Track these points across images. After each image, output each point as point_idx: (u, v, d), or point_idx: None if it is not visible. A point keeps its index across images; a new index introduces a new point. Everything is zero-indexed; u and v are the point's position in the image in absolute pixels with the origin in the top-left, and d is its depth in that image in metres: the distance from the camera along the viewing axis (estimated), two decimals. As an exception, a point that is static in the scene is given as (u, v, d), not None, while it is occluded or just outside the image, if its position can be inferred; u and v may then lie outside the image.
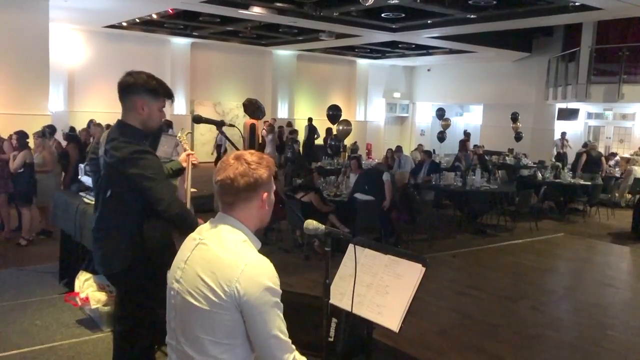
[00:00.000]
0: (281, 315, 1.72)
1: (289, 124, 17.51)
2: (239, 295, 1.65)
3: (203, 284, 1.70)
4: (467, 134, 16.47)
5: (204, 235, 1.83)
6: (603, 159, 12.96)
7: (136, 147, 2.68)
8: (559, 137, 16.50)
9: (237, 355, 1.73)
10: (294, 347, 1.76)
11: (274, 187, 1.88)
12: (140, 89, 2.76)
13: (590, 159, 12.40)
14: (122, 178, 2.68)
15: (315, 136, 17.55)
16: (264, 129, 17.39)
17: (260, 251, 1.81)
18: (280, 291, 1.72)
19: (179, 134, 3.54)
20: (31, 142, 7.91)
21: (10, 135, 7.67)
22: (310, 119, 18.32)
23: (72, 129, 10.38)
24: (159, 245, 2.77)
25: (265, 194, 1.82)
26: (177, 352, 1.82)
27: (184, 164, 3.24)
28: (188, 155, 3.26)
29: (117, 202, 2.75)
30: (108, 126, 11.88)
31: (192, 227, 2.91)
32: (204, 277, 1.71)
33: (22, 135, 7.42)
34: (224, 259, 1.71)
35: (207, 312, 1.69)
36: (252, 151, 1.85)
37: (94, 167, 2.88)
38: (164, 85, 2.85)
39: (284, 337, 1.72)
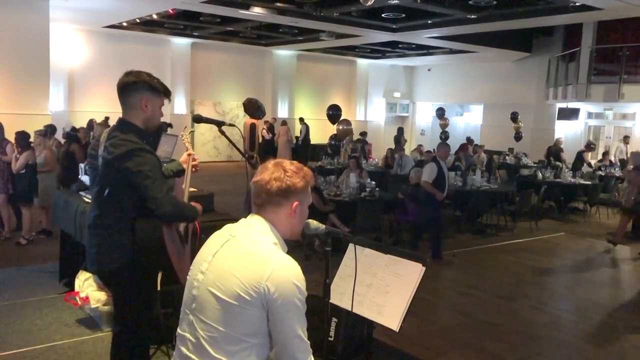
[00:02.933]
0: (304, 315, 1.75)
1: (284, 123, 17.51)
2: (268, 293, 1.68)
3: (233, 278, 1.73)
4: (469, 140, 16.44)
5: (234, 233, 1.86)
6: (562, 154, 14.36)
7: (135, 145, 2.71)
8: (621, 140, 15.05)
9: (253, 355, 1.75)
10: (311, 349, 1.78)
11: (310, 200, 1.92)
12: (143, 86, 2.81)
13: (549, 153, 14.20)
14: (119, 175, 2.71)
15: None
16: (263, 128, 17.40)
17: None
18: (306, 293, 1.75)
19: (182, 132, 3.53)
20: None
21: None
22: (301, 119, 18.31)
23: (74, 128, 10.38)
24: (154, 245, 2.78)
25: (296, 203, 1.86)
26: (190, 344, 1.81)
27: (185, 165, 3.24)
28: (189, 155, 3.26)
29: (114, 200, 2.77)
30: (106, 119, 11.88)
31: (188, 220, 2.91)
32: (233, 272, 1.73)
33: (24, 136, 7.42)
34: (256, 256, 1.75)
35: (232, 306, 1.71)
36: (294, 162, 1.91)
37: (93, 165, 2.90)
38: (163, 84, 2.91)
39: (305, 338, 1.75)
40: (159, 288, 2.96)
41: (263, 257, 1.74)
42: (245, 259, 1.75)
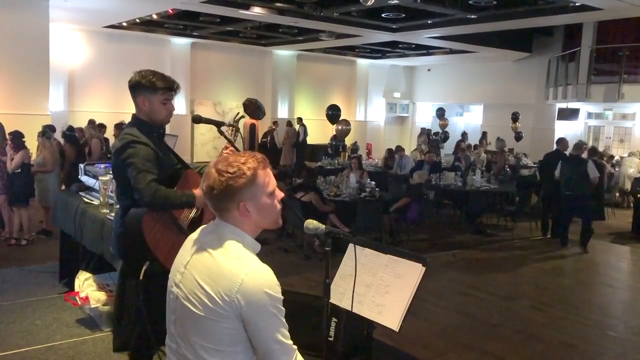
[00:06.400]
0: (282, 318, 1.71)
1: (290, 124, 17.50)
2: (239, 305, 1.64)
3: (202, 291, 1.68)
4: (464, 136, 16.42)
5: (204, 239, 1.80)
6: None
7: (132, 137, 2.89)
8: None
9: None
10: (295, 347, 1.76)
11: (268, 190, 1.77)
12: (139, 85, 2.97)
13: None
14: (118, 167, 2.94)
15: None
16: (274, 128, 17.30)
17: (260, 251, 1.81)
18: (282, 297, 1.70)
19: (227, 124, 3.45)
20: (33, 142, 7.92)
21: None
22: (300, 119, 18.32)
23: (71, 128, 10.38)
24: (139, 235, 2.80)
25: (242, 204, 1.73)
26: (176, 355, 1.80)
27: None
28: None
29: (121, 192, 3.00)
30: (101, 125, 11.95)
31: (180, 205, 2.90)
32: (203, 285, 1.69)
33: (17, 136, 7.34)
34: (223, 268, 1.68)
35: (206, 319, 1.67)
36: (235, 158, 1.76)
37: None
38: (165, 79, 2.99)
39: (287, 340, 1.72)
40: (141, 278, 2.97)
41: (231, 268, 1.67)
42: (213, 270, 1.69)
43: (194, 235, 1.86)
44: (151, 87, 2.95)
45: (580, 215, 8.51)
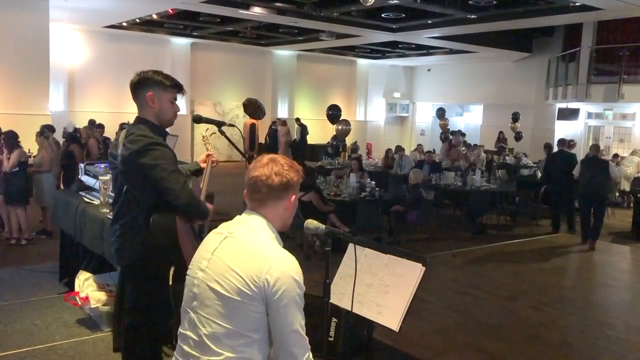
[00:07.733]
0: (302, 311, 1.77)
1: (284, 123, 17.50)
2: (268, 286, 1.71)
3: (233, 273, 1.75)
4: (453, 133, 16.39)
5: (232, 230, 1.87)
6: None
7: (150, 139, 2.77)
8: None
9: (254, 350, 1.76)
10: (309, 346, 1.79)
11: (298, 192, 1.98)
12: (148, 82, 2.87)
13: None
14: (136, 170, 2.77)
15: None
16: (274, 127, 17.28)
17: None
18: (305, 288, 1.78)
19: (204, 133, 3.52)
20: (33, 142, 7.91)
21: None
22: (298, 119, 18.33)
23: (77, 129, 10.37)
24: (167, 239, 2.78)
25: (294, 196, 1.92)
26: (191, 342, 1.82)
27: (203, 165, 3.27)
28: (208, 155, 3.27)
29: (131, 197, 2.83)
30: (100, 125, 11.91)
31: (202, 216, 2.93)
32: (234, 267, 1.76)
33: (10, 136, 7.31)
34: (254, 251, 1.77)
35: (233, 301, 1.73)
36: (283, 156, 1.96)
37: (113, 164, 2.97)
38: (171, 78, 2.94)
39: (303, 333, 1.77)
40: (170, 283, 2.97)
41: (262, 252, 1.77)
42: (244, 254, 1.77)
43: (219, 230, 1.93)
44: (160, 83, 2.87)
45: (595, 213, 8.63)
